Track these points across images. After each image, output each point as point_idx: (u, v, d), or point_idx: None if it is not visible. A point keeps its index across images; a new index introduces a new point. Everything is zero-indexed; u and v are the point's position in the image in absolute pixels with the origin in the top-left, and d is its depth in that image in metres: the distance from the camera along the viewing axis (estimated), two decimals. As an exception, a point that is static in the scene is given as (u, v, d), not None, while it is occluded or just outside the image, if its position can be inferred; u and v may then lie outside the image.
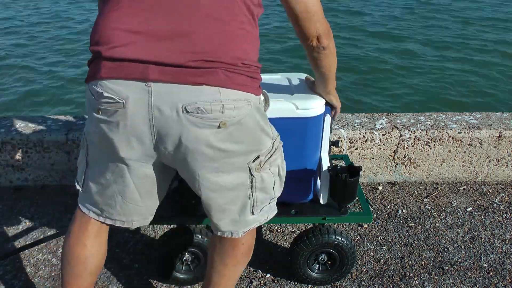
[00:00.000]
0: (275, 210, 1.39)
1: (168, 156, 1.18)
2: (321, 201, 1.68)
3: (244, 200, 1.27)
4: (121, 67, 1.08)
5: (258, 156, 1.22)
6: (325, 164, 1.64)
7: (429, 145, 2.44)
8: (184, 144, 1.11)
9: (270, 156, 1.26)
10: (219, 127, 1.10)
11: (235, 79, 1.10)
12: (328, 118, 1.63)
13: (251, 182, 1.24)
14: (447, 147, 2.44)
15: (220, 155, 1.15)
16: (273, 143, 1.27)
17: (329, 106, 1.64)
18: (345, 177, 1.54)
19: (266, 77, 1.79)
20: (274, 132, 1.31)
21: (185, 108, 1.07)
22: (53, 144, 2.35)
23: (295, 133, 1.57)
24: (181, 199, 1.69)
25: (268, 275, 1.87)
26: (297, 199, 1.73)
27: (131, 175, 1.23)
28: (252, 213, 1.30)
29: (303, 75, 1.80)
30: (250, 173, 1.22)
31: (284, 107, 1.55)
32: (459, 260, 1.96)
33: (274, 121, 1.55)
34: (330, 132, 1.68)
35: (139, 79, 1.07)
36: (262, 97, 1.27)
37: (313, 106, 1.56)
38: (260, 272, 1.89)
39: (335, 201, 1.67)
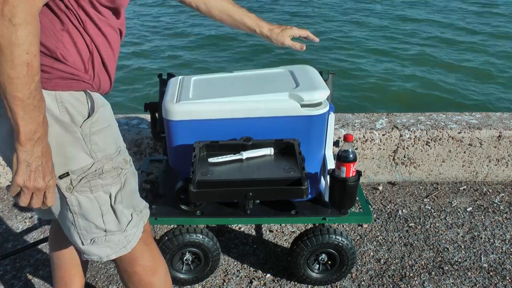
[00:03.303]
0: (124, 248, 1.13)
1: None
2: (326, 199, 1.68)
3: (70, 224, 1.08)
4: None
5: (68, 174, 1.01)
6: (330, 162, 1.64)
7: (429, 145, 2.44)
8: None
9: (89, 180, 1.03)
10: None
11: None
12: (332, 116, 1.63)
13: (67, 204, 1.04)
14: (447, 147, 2.44)
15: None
16: (93, 164, 1.04)
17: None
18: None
19: (268, 71, 1.79)
20: (103, 155, 1.05)
21: None
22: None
23: (300, 132, 1.57)
24: (183, 199, 1.69)
25: (268, 275, 1.87)
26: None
27: None
28: (82, 243, 1.10)
29: (306, 67, 1.79)
30: (60, 191, 1.03)
31: (288, 106, 1.54)
32: (459, 260, 1.96)
33: (278, 120, 1.55)
34: None
35: None
36: (86, 100, 1.02)
37: (319, 97, 1.54)
38: (260, 272, 1.89)
39: (334, 205, 1.66)
